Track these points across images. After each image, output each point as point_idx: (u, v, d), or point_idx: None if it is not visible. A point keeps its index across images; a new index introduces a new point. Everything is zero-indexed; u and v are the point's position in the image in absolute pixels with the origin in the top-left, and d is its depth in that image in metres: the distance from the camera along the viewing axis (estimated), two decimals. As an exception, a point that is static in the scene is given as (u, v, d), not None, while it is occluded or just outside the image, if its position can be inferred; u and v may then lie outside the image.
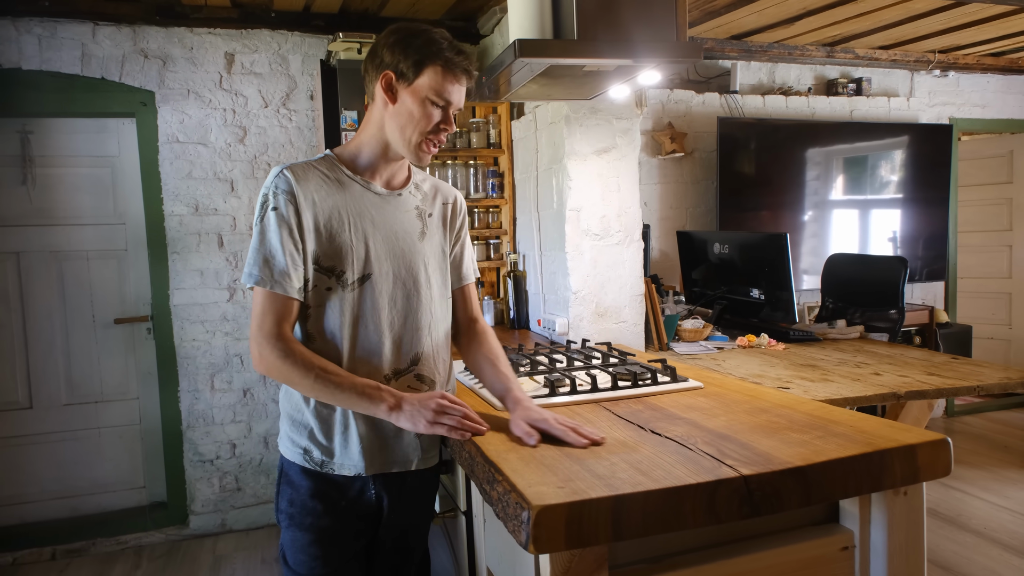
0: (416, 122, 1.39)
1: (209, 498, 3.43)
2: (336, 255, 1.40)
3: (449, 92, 1.39)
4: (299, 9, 3.32)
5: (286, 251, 1.35)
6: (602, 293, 2.50)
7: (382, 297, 1.43)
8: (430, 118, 1.39)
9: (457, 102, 1.42)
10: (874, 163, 4.42)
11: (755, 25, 3.82)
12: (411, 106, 1.38)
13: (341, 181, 1.44)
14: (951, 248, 4.75)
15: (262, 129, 3.38)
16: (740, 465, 1.16)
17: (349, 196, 1.43)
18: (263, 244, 1.36)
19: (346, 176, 1.45)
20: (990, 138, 5.33)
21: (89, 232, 3.33)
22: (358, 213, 1.43)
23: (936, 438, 1.24)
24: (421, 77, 1.38)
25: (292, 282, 1.36)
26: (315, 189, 1.40)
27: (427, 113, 1.38)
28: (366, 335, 1.43)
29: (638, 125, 2.54)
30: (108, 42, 3.16)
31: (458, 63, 1.39)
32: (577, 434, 1.32)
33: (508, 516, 1.10)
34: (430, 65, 1.37)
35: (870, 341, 2.76)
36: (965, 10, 3.62)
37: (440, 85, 1.37)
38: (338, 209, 1.41)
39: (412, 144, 1.41)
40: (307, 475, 1.44)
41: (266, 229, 1.36)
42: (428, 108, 1.38)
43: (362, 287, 1.42)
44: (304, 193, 1.38)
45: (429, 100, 1.38)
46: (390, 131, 1.43)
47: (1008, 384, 2.08)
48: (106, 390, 3.41)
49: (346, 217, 1.41)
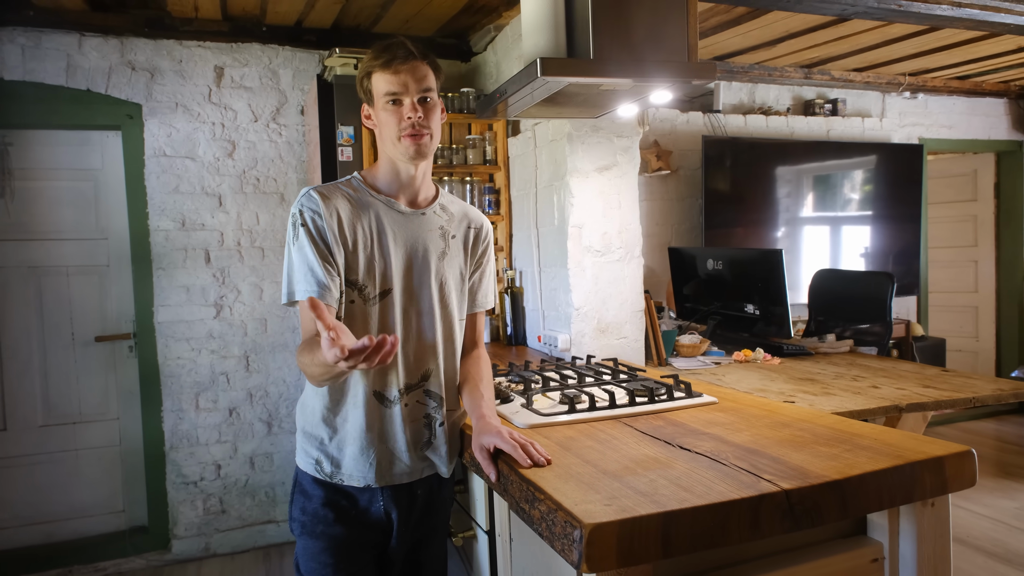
0: (387, 127, 1.45)
1: (192, 521, 3.34)
2: (360, 270, 1.43)
3: (391, 85, 1.41)
4: (291, 24, 3.30)
5: (322, 264, 1.38)
6: (604, 309, 2.51)
7: (400, 313, 1.46)
8: (393, 116, 1.43)
9: (405, 89, 1.42)
10: (849, 181, 4.55)
11: (738, 47, 3.92)
12: (380, 116, 1.46)
13: (366, 200, 1.48)
14: (923, 263, 4.90)
15: (251, 144, 3.34)
16: (779, 480, 1.17)
17: (373, 214, 1.47)
18: (301, 261, 1.39)
19: (370, 195, 1.49)
20: (956, 157, 5.53)
21: (70, 247, 3.24)
22: (381, 230, 1.46)
23: (961, 450, 1.27)
24: (373, 90, 1.45)
25: (332, 292, 1.38)
26: (340, 207, 1.44)
27: (389, 114, 1.43)
28: None
29: (638, 143, 2.57)
30: (95, 53, 3.10)
31: (387, 58, 1.41)
32: (524, 452, 1.31)
33: (555, 535, 1.09)
34: (372, 76, 1.44)
35: (860, 355, 2.83)
36: (937, 35, 3.77)
37: (383, 85, 1.42)
38: (362, 226, 1.44)
39: (397, 146, 1.45)
40: (319, 485, 1.47)
41: (301, 246, 1.39)
42: (389, 109, 1.43)
43: (383, 302, 1.45)
44: (330, 210, 1.42)
45: (386, 103, 1.43)
46: (383, 146, 1.49)
47: (1001, 395, 2.15)
48: (85, 410, 3.30)
49: (370, 233, 1.45)
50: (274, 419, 3.44)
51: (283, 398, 3.45)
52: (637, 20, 1.77)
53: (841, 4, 2.85)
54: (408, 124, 1.42)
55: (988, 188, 5.42)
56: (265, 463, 3.43)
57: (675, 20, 1.80)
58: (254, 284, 3.37)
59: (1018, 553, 3.08)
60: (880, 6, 2.89)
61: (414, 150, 1.44)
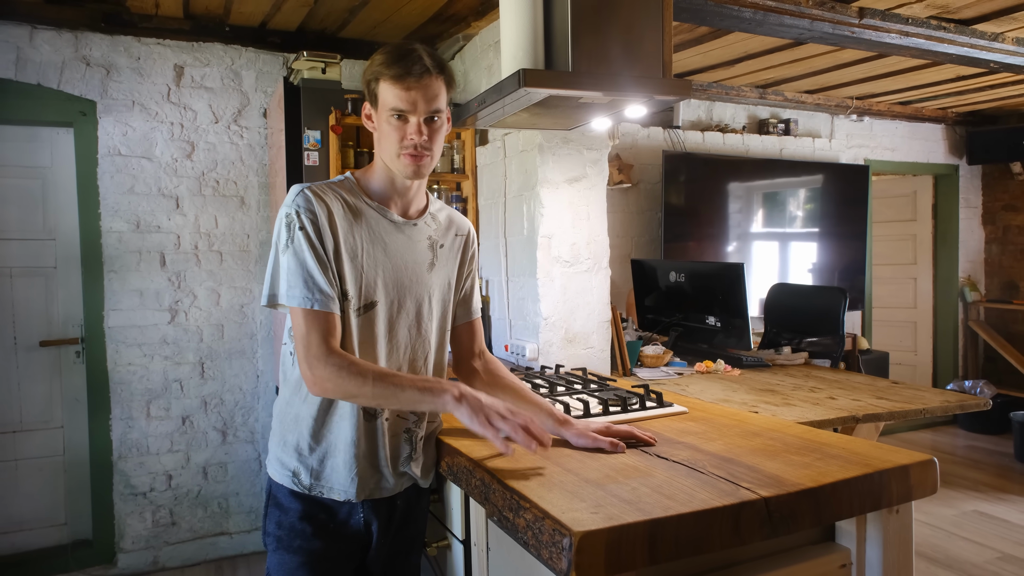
0: (388, 139, 1.40)
1: (140, 534, 3.21)
2: (348, 280, 1.39)
3: (400, 101, 1.35)
4: (255, 25, 3.24)
5: (322, 268, 1.34)
6: (571, 319, 2.54)
7: (384, 326, 1.44)
8: (397, 132, 1.38)
9: (413, 108, 1.36)
10: (798, 198, 4.71)
11: (698, 65, 4.03)
12: (382, 126, 1.40)
13: (359, 207, 1.44)
14: (868, 279, 5.10)
15: (211, 145, 3.26)
16: (757, 488, 1.20)
17: (366, 222, 1.43)
18: (300, 264, 1.34)
19: (364, 202, 1.45)
20: (897, 179, 5.79)
21: (14, 247, 3.10)
22: (372, 240, 1.43)
23: (924, 458, 1.33)
24: (379, 97, 1.39)
25: (332, 298, 1.35)
26: (335, 211, 1.40)
27: (393, 128, 1.38)
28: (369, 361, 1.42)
29: (606, 156, 2.62)
30: (47, 47, 2.98)
31: (400, 71, 1.34)
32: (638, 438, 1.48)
33: (542, 544, 1.10)
34: (380, 83, 1.38)
35: (815, 367, 2.92)
36: (884, 61, 3.95)
37: (392, 99, 1.36)
38: (354, 234, 1.41)
39: (395, 160, 1.41)
40: (296, 498, 1.43)
41: (299, 249, 1.35)
42: (393, 123, 1.38)
43: (368, 314, 1.42)
44: (325, 214, 1.38)
45: (391, 117, 1.38)
46: (380, 153, 1.45)
47: (948, 407, 2.26)
48: (26, 418, 3.15)
49: (360, 243, 1.41)
50: (229, 428, 3.34)
51: (239, 406, 3.36)
52: (615, 35, 1.81)
53: (799, 28, 2.96)
54: (410, 144, 1.38)
55: (927, 209, 5.70)
56: (219, 473, 3.33)
57: (651, 36, 1.84)
58: (211, 289, 3.29)
59: (957, 559, 3.23)
60: (834, 32, 3.03)
61: (412, 170, 1.41)
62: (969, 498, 4.00)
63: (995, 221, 5.64)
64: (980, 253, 5.71)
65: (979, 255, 5.70)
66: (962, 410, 2.27)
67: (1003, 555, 3.25)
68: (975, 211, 5.68)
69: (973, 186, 5.66)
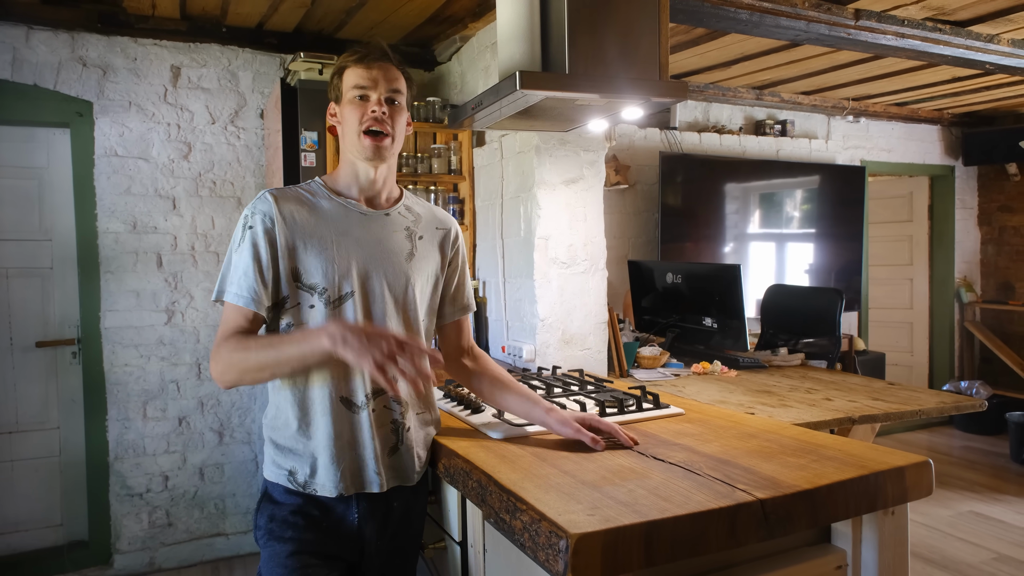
0: (350, 122, 1.45)
1: (137, 535, 3.21)
2: (317, 273, 1.41)
3: (361, 79, 1.43)
4: (252, 26, 3.24)
5: (257, 268, 1.38)
6: (568, 320, 2.54)
7: (364, 316, 1.44)
8: (358, 110, 1.44)
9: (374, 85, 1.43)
10: (796, 199, 4.72)
11: (695, 66, 4.03)
12: (344, 112, 1.46)
13: (323, 202, 1.47)
14: (864, 280, 5.11)
15: (208, 146, 3.26)
16: (752, 489, 1.21)
17: (332, 215, 1.46)
18: (239, 263, 1.39)
19: (329, 198, 1.48)
20: (893, 180, 5.80)
21: (10, 248, 3.09)
22: (341, 232, 1.45)
23: (919, 460, 1.34)
24: (343, 85, 1.46)
25: (261, 300, 1.38)
26: (295, 209, 1.43)
27: (355, 107, 1.44)
28: None
29: (603, 157, 2.62)
30: (43, 47, 2.97)
31: (362, 54, 1.44)
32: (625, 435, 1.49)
33: (539, 546, 1.10)
34: (344, 72, 1.46)
35: (811, 368, 2.93)
36: (880, 63, 3.96)
37: (353, 79, 1.44)
38: (319, 228, 1.43)
39: (358, 142, 1.44)
40: (291, 495, 1.44)
41: (241, 248, 1.39)
42: (355, 103, 1.44)
43: (343, 305, 1.42)
44: (284, 213, 1.41)
45: (353, 97, 1.44)
46: (344, 146, 1.49)
47: (944, 408, 2.26)
48: (22, 419, 3.14)
49: (328, 236, 1.43)
50: (226, 428, 3.34)
51: (235, 407, 3.36)
52: (611, 37, 1.82)
53: (795, 30, 2.97)
54: (371, 118, 1.42)
55: (923, 210, 5.71)
56: (215, 474, 3.33)
57: (647, 39, 1.84)
58: (208, 289, 3.28)
59: (953, 559, 3.24)
60: (830, 33, 3.03)
61: (372, 151, 1.43)
62: (965, 499, 4.02)
63: (991, 222, 5.66)
64: (976, 254, 5.72)
65: (975, 256, 5.72)
66: (958, 411, 2.28)
67: (999, 556, 3.26)
68: (971, 212, 5.70)
69: (969, 187, 5.68)
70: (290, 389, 1.42)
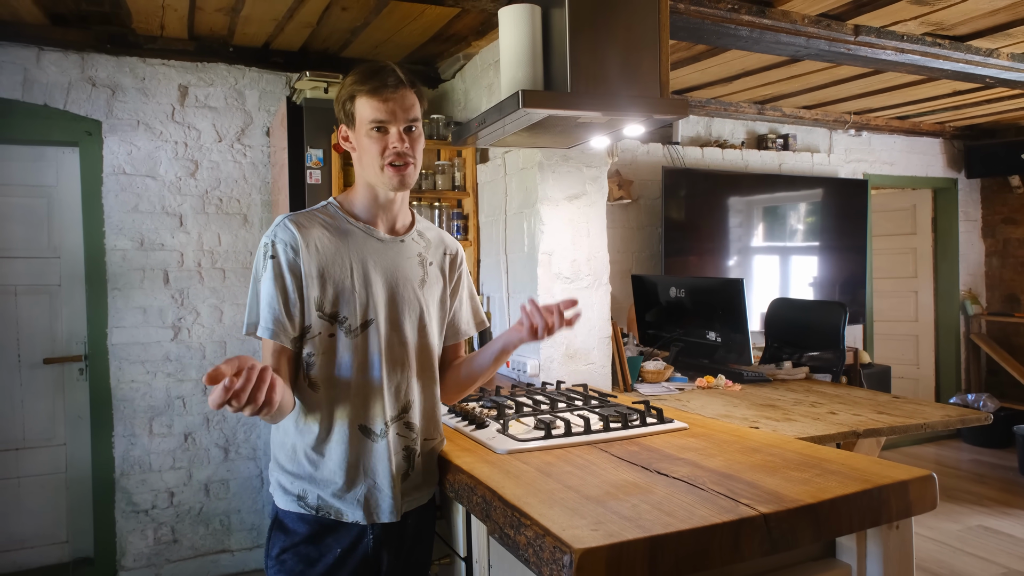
0: (370, 154, 1.42)
1: (142, 552, 3.21)
2: (339, 302, 1.41)
3: (378, 112, 1.39)
4: (258, 45, 3.29)
5: (282, 303, 1.37)
6: (572, 335, 2.55)
7: (384, 343, 1.44)
8: (378, 145, 1.41)
9: (393, 118, 1.40)
10: (799, 212, 4.73)
11: (697, 82, 4.06)
12: (362, 142, 1.43)
13: (343, 228, 1.46)
14: (868, 293, 5.11)
15: (215, 164, 3.29)
16: (756, 504, 1.21)
17: (352, 242, 1.45)
18: (265, 294, 1.37)
19: (348, 223, 1.47)
20: (896, 193, 5.81)
21: (19, 265, 3.12)
22: (361, 259, 1.44)
23: (923, 474, 1.34)
24: (357, 114, 1.42)
25: (288, 332, 1.38)
26: (317, 237, 1.41)
27: (373, 141, 1.41)
28: (369, 381, 1.43)
29: (606, 173, 2.64)
30: (53, 68, 3.02)
31: (375, 84, 1.39)
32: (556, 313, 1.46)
33: (543, 561, 1.11)
34: (357, 100, 1.42)
35: (816, 382, 2.93)
36: (880, 77, 3.98)
37: (370, 112, 1.40)
38: (341, 256, 1.42)
39: (379, 174, 1.43)
40: (303, 521, 1.42)
41: (268, 280, 1.37)
42: (373, 136, 1.41)
43: (365, 332, 1.43)
44: (306, 241, 1.39)
45: (371, 130, 1.41)
46: (362, 171, 1.47)
47: (949, 421, 2.26)
48: (29, 436, 3.16)
49: (348, 263, 1.42)
50: (231, 445, 3.35)
51: (241, 423, 3.37)
52: (612, 55, 1.84)
53: (795, 46, 3.00)
54: (393, 153, 1.40)
55: (926, 222, 5.71)
56: (221, 490, 3.33)
57: (648, 56, 1.87)
58: (214, 306, 3.30)
59: (962, 574, 3.21)
60: (830, 49, 3.06)
61: (397, 181, 1.42)
62: (974, 513, 3.99)
63: (995, 234, 5.66)
64: (980, 266, 5.72)
65: (979, 268, 5.71)
66: (963, 425, 2.28)
67: (1008, 570, 3.24)
68: (975, 224, 5.70)
69: (972, 199, 5.68)
70: (304, 414, 1.42)
